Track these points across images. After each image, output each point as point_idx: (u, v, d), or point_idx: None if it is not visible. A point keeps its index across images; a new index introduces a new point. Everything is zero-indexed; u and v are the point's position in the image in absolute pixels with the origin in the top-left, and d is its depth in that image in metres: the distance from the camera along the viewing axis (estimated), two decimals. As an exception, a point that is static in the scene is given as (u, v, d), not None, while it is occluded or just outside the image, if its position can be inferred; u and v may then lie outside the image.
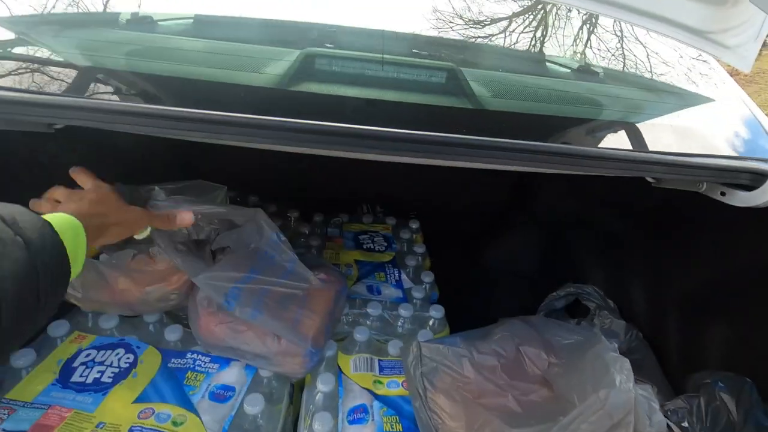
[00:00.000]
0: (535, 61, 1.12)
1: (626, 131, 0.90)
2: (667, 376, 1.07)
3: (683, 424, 0.89)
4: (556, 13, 1.16)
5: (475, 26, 1.00)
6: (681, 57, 1.01)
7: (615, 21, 1.07)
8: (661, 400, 0.95)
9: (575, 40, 1.14)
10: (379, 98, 0.69)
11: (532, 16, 1.16)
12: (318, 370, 0.83)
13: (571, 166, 0.71)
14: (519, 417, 0.66)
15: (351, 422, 0.73)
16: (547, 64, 1.11)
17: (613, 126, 0.93)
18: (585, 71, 1.09)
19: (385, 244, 1.22)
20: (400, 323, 0.97)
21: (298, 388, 0.86)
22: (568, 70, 1.11)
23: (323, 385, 0.78)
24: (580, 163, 0.70)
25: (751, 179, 0.68)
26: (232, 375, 0.80)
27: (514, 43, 1.04)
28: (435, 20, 0.96)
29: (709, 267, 0.99)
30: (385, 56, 0.74)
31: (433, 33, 0.94)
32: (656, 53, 1.03)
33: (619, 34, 1.09)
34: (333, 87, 0.72)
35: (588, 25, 1.14)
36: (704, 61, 1.00)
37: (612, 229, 1.25)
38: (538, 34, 1.11)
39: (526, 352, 0.77)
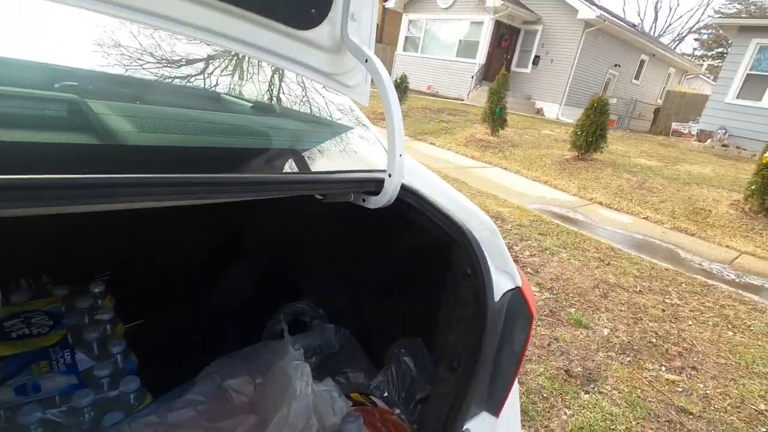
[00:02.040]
0: (206, 97, 1.12)
1: (295, 158, 1.01)
2: (373, 356, 1.27)
3: (385, 395, 1.06)
4: (223, 55, 1.21)
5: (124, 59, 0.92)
6: (330, 95, 1.23)
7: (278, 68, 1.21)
8: (367, 381, 1.11)
9: (246, 81, 1.21)
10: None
11: (204, 56, 1.17)
12: None
13: (255, 194, 0.74)
14: (226, 462, 0.62)
15: None
16: (219, 101, 1.13)
17: (284, 154, 1.03)
18: (258, 108, 1.16)
19: (51, 322, 0.94)
20: (79, 416, 0.76)
21: None
22: (242, 107, 1.16)
23: None
24: (262, 189, 0.73)
25: (375, 186, 0.86)
26: None
27: (183, 80, 1.01)
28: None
29: (384, 260, 1.23)
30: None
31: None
32: (313, 91, 1.21)
33: (287, 79, 1.23)
34: None
35: (263, 72, 1.24)
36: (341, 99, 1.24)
37: (316, 245, 1.39)
38: (209, 72, 1.12)
39: (230, 386, 0.74)
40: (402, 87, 10.35)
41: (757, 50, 10.82)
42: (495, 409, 0.78)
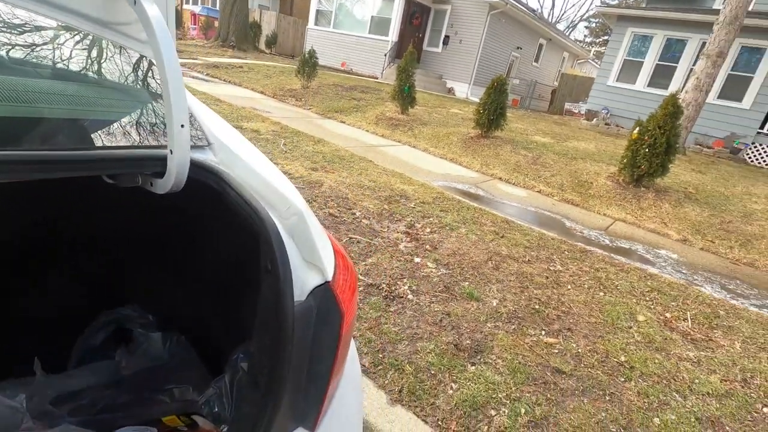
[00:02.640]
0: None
1: (74, 131, 0.78)
2: (218, 365, 1.11)
3: (215, 411, 0.92)
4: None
5: None
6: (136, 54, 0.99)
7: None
8: (198, 396, 0.95)
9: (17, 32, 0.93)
10: None
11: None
12: None
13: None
14: None
15: None
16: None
17: (61, 126, 0.80)
18: (31, 68, 0.90)
19: None
20: None
21: None
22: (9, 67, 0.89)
23: None
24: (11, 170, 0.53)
25: (161, 166, 0.69)
26: None
27: None
28: None
29: (215, 253, 1.06)
30: None
31: None
32: (113, 49, 0.97)
33: (77, 32, 0.97)
34: None
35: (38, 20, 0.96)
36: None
37: (140, 239, 1.17)
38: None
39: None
40: (311, 62, 9.91)
41: (632, 38, 12.10)
42: (311, 424, 0.67)
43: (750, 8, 8.48)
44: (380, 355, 2.05)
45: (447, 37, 16.12)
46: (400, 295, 2.60)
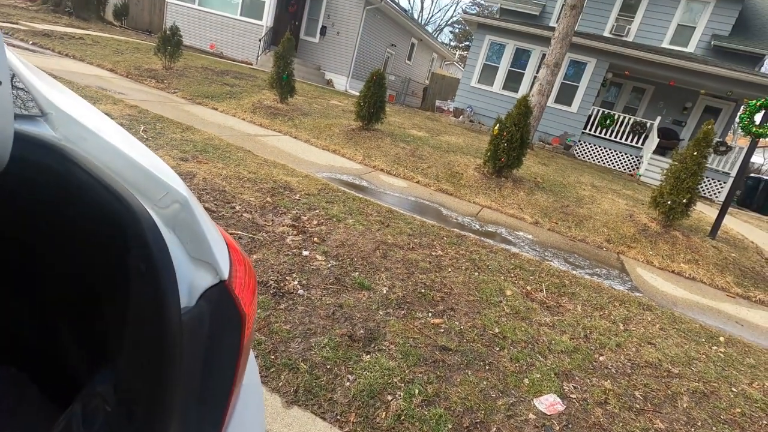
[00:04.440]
0: None
1: None
2: (60, 397, 0.89)
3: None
4: None
5: None
6: None
7: None
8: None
9: None
10: None
11: None
12: None
13: None
14: None
15: None
16: None
17: None
18: None
19: None
20: None
21: None
22: None
23: None
24: None
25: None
26: None
27: None
28: None
29: (62, 258, 0.83)
30: None
31: None
32: None
33: None
34: None
35: None
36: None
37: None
38: None
39: None
40: (174, 40, 8.84)
41: (489, 45, 13.56)
42: (207, 452, 0.56)
43: (576, 28, 10.19)
44: (272, 357, 1.92)
45: (324, 27, 15.96)
46: (290, 290, 2.47)
